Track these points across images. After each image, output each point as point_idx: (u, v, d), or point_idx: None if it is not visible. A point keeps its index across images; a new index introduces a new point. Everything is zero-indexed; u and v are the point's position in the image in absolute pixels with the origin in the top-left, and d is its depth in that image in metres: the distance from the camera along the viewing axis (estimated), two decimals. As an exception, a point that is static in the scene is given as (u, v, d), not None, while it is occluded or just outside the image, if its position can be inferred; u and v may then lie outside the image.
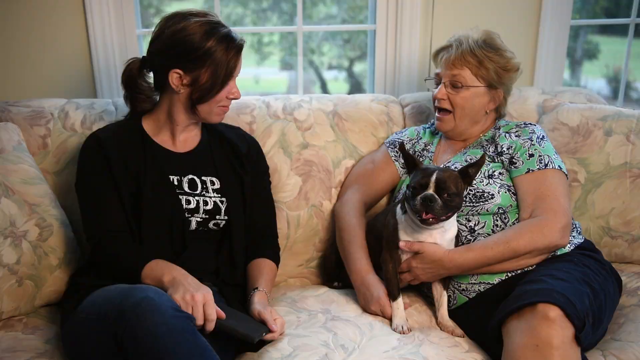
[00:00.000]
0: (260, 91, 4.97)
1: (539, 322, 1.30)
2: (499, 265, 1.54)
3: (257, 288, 1.58)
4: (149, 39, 1.60)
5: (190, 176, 1.63)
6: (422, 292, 1.73)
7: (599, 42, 4.63)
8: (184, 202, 1.58)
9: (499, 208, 1.61)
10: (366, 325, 1.52)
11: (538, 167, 1.63)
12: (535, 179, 1.61)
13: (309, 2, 3.53)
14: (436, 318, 1.61)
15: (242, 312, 1.51)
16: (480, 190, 1.62)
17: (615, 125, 1.87)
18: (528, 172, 1.63)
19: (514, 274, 1.56)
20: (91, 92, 2.22)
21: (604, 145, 1.85)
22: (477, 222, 1.62)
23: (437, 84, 1.77)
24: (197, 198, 1.60)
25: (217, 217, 1.62)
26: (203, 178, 1.64)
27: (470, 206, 1.62)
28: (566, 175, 1.66)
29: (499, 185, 1.63)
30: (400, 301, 1.55)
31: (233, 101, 1.63)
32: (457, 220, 1.61)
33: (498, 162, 1.69)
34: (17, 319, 1.61)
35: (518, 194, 1.63)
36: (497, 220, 1.62)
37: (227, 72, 1.54)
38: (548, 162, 1.63)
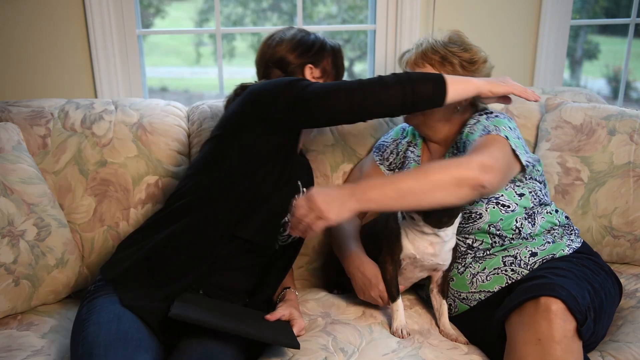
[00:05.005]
0: (260, 91, 4.94)
1: (541, 316, 1.29)
2: (412, 196, 1.34)
3: (288, 287, 1.61)
4: (149, 39, 1.60)
5: (302, 186, 1.61)
6: (422, 297, 1.72)
7: (599, 42, 4.63)
8: None
9: (489, 225, 1.56)
10: (366, 328, 1.52)
11: (481, 134, 1.53)
12: (477, 141, 1.52)
13: (309, 2, 3.52)
14: (438, 327, 1.59)
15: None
16: (468, 211, 1.57)
17: (619, 124, 1.86)
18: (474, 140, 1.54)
19: (513, 280, 1.53)
20: (91, 92, 2.22)
21: (608, 145, 1.85)
22: (474, 240, 1.59)
23: None
24: None
25: None
26: (303, 189, 1.61)
27: (460, 227, 1.58)
28: (513, 150, 1.50)
29: (485, 201, 1.56)
30: (399, 302, 1.54)
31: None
32: (456, 238, 1.58)
33: None
34: (12, 316, 1.60)
35: None
36: (494, 238, 1.58)
37: (342, 61, 1.71)
38: (492, 130, 1.52)
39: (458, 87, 1.45)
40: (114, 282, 1.43)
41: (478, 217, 1.56)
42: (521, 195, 1.57)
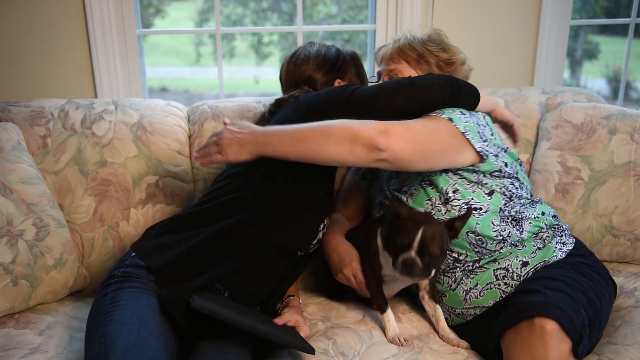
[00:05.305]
0: (260, 91, 4.96)
1: (537, 337, 1.27)
2: (307, 145, 1.33)
3: (292, 295, 1.61)
4: (149, 39, 1.61)
5: None
6: (417, 303, 1.67)
7: (599, 42, 4.64)
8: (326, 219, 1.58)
9: (467, 232, 1.49)
10: (366, 333, 1.51)
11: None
12: None
13: (309, 2, 3.53)
14: (437, 332, 1.56)
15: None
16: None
17: (620, 124, 1.86)
18: None
19: (507, 293, 1.49)
20: (91, 92, 2.22)
21: (608, 144, 1.85)
22: (459, 254, 1.54)
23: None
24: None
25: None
26: None
27: None
28: (461, 132, 1.43)
29: (457, 210, 1.48)
30: (389, 312, 1.51)
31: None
32: None
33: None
34: (9, 315, 1.60)
35: None
36: (475, 248, 1.52)
37: (362, 68, 1.73)
38: (434, 113, 1.45)
39: (485, 100, 1.55)
40: (158, 272, 1.40)
41: None
42: (491, 193, 1.51)
